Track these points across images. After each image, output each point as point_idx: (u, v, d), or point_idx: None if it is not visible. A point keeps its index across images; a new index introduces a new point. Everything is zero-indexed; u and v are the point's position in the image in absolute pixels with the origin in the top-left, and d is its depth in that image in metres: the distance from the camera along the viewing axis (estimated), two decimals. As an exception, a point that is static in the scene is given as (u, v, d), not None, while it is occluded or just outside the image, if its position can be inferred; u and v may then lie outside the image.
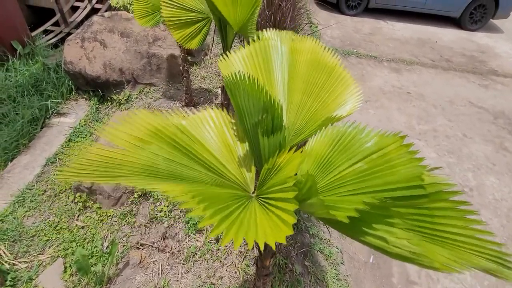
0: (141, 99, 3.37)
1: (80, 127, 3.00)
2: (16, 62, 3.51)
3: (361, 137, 0.89)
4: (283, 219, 0.69)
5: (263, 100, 0.85)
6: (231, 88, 0.89)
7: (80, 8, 5.02)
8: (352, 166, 0.85)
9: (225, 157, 0.97)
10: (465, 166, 3.15)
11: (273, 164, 0.85)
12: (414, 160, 0.77)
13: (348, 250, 2.28)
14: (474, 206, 2.73)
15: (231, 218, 0.67)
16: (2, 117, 2.99)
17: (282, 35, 1.22)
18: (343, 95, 1.11)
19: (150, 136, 0.90)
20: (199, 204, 0.63)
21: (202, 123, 1.03)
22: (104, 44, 3.29)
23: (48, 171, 2.57)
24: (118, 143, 0.86)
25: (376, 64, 4.90)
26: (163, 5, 2.08)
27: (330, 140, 0.93)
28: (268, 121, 0.87)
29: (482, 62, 5.34)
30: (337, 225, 0.83)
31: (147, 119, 0.94)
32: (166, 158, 0.86)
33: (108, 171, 0.77)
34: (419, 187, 0.72)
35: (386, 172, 0.78)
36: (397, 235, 0.73)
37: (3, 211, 2.22)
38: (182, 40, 2.11)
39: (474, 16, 6.41)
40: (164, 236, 2.12)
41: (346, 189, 0.81)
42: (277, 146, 0.88)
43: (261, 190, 0.86)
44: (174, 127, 0.96)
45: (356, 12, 6.63)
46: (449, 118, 3.84)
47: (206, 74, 3.88)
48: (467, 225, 0.70)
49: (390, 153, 0.82)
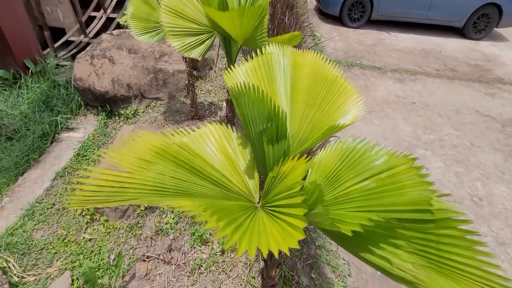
0: (148, 113, 3.44)
1: (89, 141, 3.06)
2: (28, 79, 3.64)
3: (371, 155, 0.90)
4: (292, 225, 0.69)
5: (267, 109, 0.87)
6: (237, 97, 0.91)
7: (96, 18, 5.22)
8: (360, 183, 0.85)
9: (228, 170, 0.98)
10: (473, 175, 3.10)
11: (278, 172, 0.87)
12: (424, 184, 0.77)
13: (356, 261, 2.25)
14: (485, 216, 2.68)
15: (242, 229, 0.68)
16: (14, 132, 3.08)
17: (284, 49, 1.26)
18: (345, 104, 1.13)
19: (154, 157, 0.91)
20: (212, 217, 0.65)
21: (202, 139, 1.04)
22: (113, 61, 3.39)
23: (57, 184, 2.62)
24: (124, 166, 0.87)
25: (380, 74, 4.93)
26: (163, 12, 2.02)
27: (339, 154, 0.94)
28: (273, 129, 0.89)
29: (487, 70, 5.32)
30: (341, 240, 0.83)
31: (149, 140, 0.95)
32: (171, 177, 0.88)
33: (118, 194, 0.79)
34: (427, 211, 0.71)
35: (394, 193, 0.78)
36: (401, 258, 0.72)
37: (13, 224, 2.26)
38: (181, 48, 2.02)
39: (478, 25, 6.41)
40: (170, 248, 2.13)
41: (352, 205, 0.81)
42: (281, 154, 0.90)
43: (266, 200, 0.87)
44: (176, 146, 0.98)
45: (359, 24, 6.72)
46: (455, 127, 3.81)
47: (211, 87, 3.95)
48: (474, 256, 0.68)
49: (399, 173, 0.82)
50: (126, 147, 0.91)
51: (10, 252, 2.08)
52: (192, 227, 2.25)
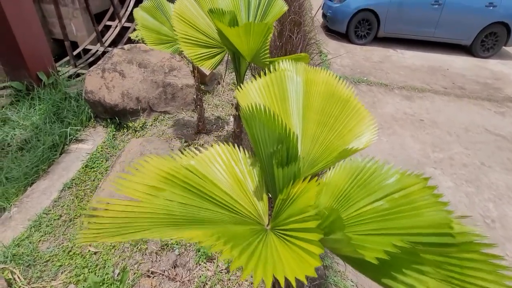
0: (156, 126, 3.47)
1: (97, 153, 3.09)
2: (40, 91, 3.72)
3: (381, 173, 0.89)
4: (307, 250, 0.67)
5: (278, 131, 0.87)
6: (248, 119, 0.91)
7: (111, 27, 5.38)
8: (372, 204, 0.84)
9: (236, 192, 0.97)
10: (485, 196, 3.03)
11: (288, 195, 0.85)
12: (439, 204, 0.76)
13: (364, 283, 2.19)
14: (498, 239, 2.60)
15: (256, 256, 0.67)
16: (25, 143, 3.13)
17: (297, 66, 1.26)
18: (358, 126, 1.12)
19: (163, 183, 0.90)
20: (225, 245, 0.63)
21: (210, 160, 1.03)
22: (123, 74, 3.46)
23: (65, 196, 2.63)
24: (133, 194, 0.85)
25: (387, 91, 4.93)
26: (175, 18, 2.01)
27: (348, 173, 0.93)
28: (283, 151, 0.88)
29: (497, 89, 5.29)
30: (360, 266, 0.80)
31: (158, 165, 0.94)
32: (180, 203, 0.86)
33: (128, 227, 0.78)
34: (448, 234, 0.70)
35: (410, 214, 0.76)
36: (428, 285, 0.69)
37: (20, 235, 2.26)
38: (196, 57, 2.02)
39: (486, 43, 6.40)
40: (175, 264, 2.10)
41: (368, 227, 0.80)
42: (291, 176, 0.89)
43: (276, 222, 0.86)
44: (184, 169, 0.97)
45: (365, 41, 6.79)
46: (465, 145, 3.76)
47: (219, 102, 3.99)
48: (500, 280, 0.66)
49: (413, 193, 0.80)
50: (136, 174, 0.89)
51: (16, 263, 2.07)
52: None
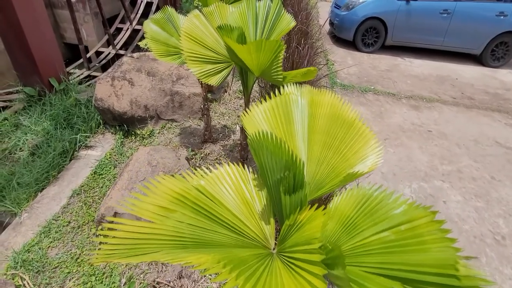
0: (163, 134, 3.51)
1: (106, 160, 3.14)
2: (52, 97, 3.80)
3: (388, 203, 0.89)
4: (311, 283, 0.68)
5: (285, 158, 0.89)
6: (255, 147, 0.93)
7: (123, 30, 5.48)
8: (378, 234, 0.84)
9: (244, 213, 0.99)
10: (495, 211, 2.99)
11: (295, 221, 0.87)
12: (446, 240, 0.75)
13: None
14: (508, 257, 2.56)
15: (260, 285, 0.68)
16: (36, 148, 3.20)
17: (302, 89, 1.28)
18: (364, 149, 1.13)
19: (174, 204, 0.92)
20: (231, 273, 0.65)
21: (219, 181, 1.05)
22: (132, 83, 3.52)
23: (73, 202, 2.68)
24: (145, 215, 0.88)
25: (394, 101, 4.91)
26: (183, 37, 2.04)
27: (355, 201, 0.94)
28: (290, 178, 0.90)
29: (507, 100, 5.22)
30: None
31: (170, 185, 0.96)
32: (189, 224, 0.88)
33: (139, 248, 0.80)
34: (453, 276, 0.69)
35: (416, 248, 0.76)
36: None
37: (30, 241, 2.31)
38: (200, 74, 2.04)
39: (496, 53, 6.34)
40: (180, 275, 2.11)
41: (372, 259, 0.80)
42: (298, 203, 0.90)
43: (282, 247, 0.87)
44: (195, 189, 0.99)
45: (373, 49, 6.77)
46: (474, 158, 3.72)
47: (225, 110, 4.02)
48: None
49: (420, 227, 0.80)
50: (150, 194, 0.92)
51: (26, 269, 2.11)
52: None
